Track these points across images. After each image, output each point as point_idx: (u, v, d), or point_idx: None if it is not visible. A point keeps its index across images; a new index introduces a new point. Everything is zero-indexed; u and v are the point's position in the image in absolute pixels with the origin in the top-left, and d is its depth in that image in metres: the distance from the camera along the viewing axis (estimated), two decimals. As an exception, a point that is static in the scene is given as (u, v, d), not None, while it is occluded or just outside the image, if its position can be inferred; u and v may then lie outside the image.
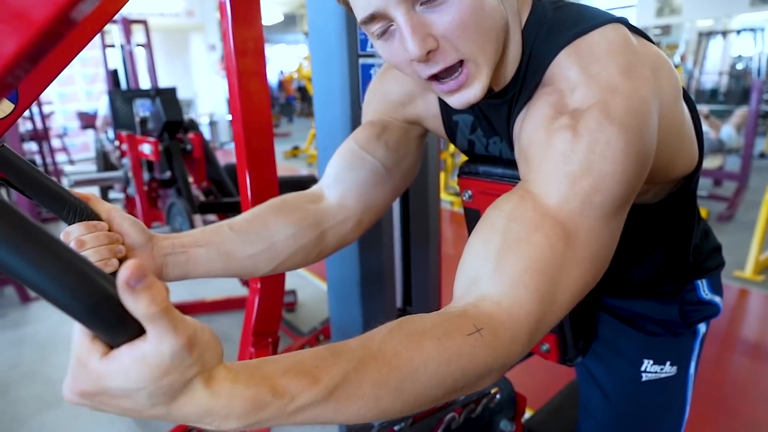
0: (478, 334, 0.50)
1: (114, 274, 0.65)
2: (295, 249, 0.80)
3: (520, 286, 0.53)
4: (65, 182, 3.24)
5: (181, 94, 6.14)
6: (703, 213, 4.35)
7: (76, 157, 8.62)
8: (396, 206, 1.72)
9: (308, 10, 1.51)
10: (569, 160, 0.57)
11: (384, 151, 0.86)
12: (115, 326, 0.36)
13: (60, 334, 2.93)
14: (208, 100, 10.57)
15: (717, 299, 0.93)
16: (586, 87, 0.59)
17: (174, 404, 0.38)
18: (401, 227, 1.75)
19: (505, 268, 0.54)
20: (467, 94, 0.63)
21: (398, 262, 1.78)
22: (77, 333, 0.38)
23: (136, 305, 0.34)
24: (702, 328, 0.93)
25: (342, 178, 0.86)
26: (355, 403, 0.44)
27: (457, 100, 0.64)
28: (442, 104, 0.83)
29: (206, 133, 8.89)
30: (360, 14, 0.60)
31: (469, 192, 0.87)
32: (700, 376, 0.95)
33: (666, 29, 10.30)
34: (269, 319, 1.35)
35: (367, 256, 1.63)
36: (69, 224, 0.68)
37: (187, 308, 3.03)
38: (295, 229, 0.79)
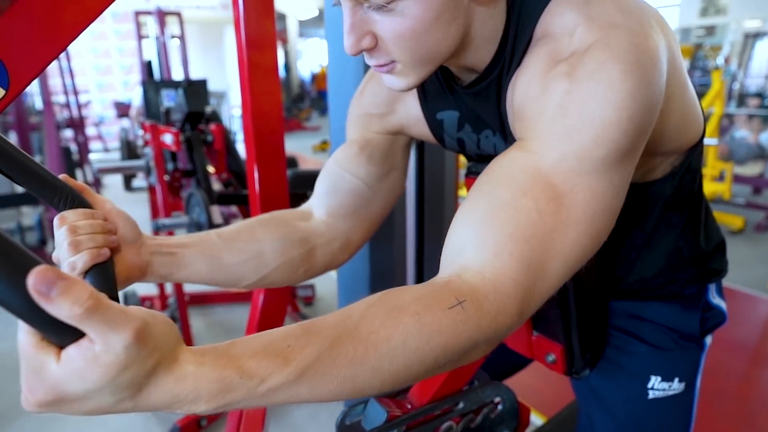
0: (459, 306, 0.47)
1: (103, 264, 0.63)
2: (281, 262, 0.79)
3: (504, 254, 0.50)
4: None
5: (215, 87, 6.23)
6: (740, 222, 4.20)
7: (111, 145, 8.86)
8: (410, 203, 1.69)
9: (325, 3, 1.50)
10: (566, 111, 0.52)
11: (366, 169, 0.84)
12: (58, 324, 0.34)
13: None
14: (241, 93, 10.70)
15: (723, 305, 0.89)
16: (585, 27, 0.54)
17: (140, 396, 0.37)
18: (416, 224, 1.72)
19: (489, 236, 0.51)
20: (392, 82, 0.64)
21: (411, 260, 1.75)
22: (22, 335, 0.36)
23: (58, 311, 0.33)
24: (708, 340, 0.89)
25: (326, 199, 0.86)
26: (330, 382, 0.43)
27: (385, 82, 0.65)
28: (424, 106, 0.81)
29: (237, 126, 9.02)
30: None
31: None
32: (726, 391, 0.90)
33: (710, 30, 9.95)
34: (274, 313, 1.34)
35: (378, 252, 1.61)
36: (59, 212, 0.67)
37: (209, 298, 3.08)
38: (282, 243, 0.79)
